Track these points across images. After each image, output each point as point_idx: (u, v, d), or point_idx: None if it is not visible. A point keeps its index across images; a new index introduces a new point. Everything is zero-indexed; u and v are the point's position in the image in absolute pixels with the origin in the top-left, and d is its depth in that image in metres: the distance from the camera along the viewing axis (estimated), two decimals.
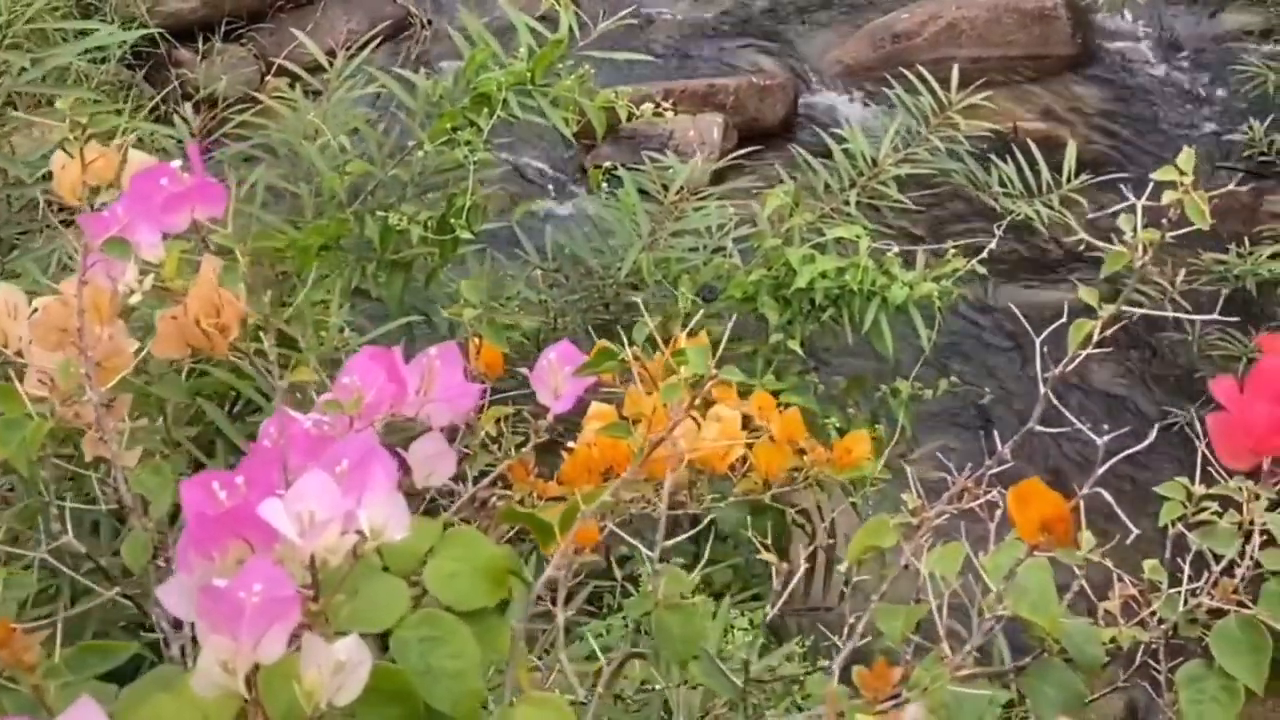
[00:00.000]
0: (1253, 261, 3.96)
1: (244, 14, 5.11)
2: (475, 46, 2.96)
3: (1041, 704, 0.99)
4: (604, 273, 3.18)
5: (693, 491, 1.40)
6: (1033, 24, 5.55)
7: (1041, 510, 0.91)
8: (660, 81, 5.46)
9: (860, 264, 3.12)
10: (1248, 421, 0.84)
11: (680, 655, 0.99)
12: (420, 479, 0.97)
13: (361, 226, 2.81)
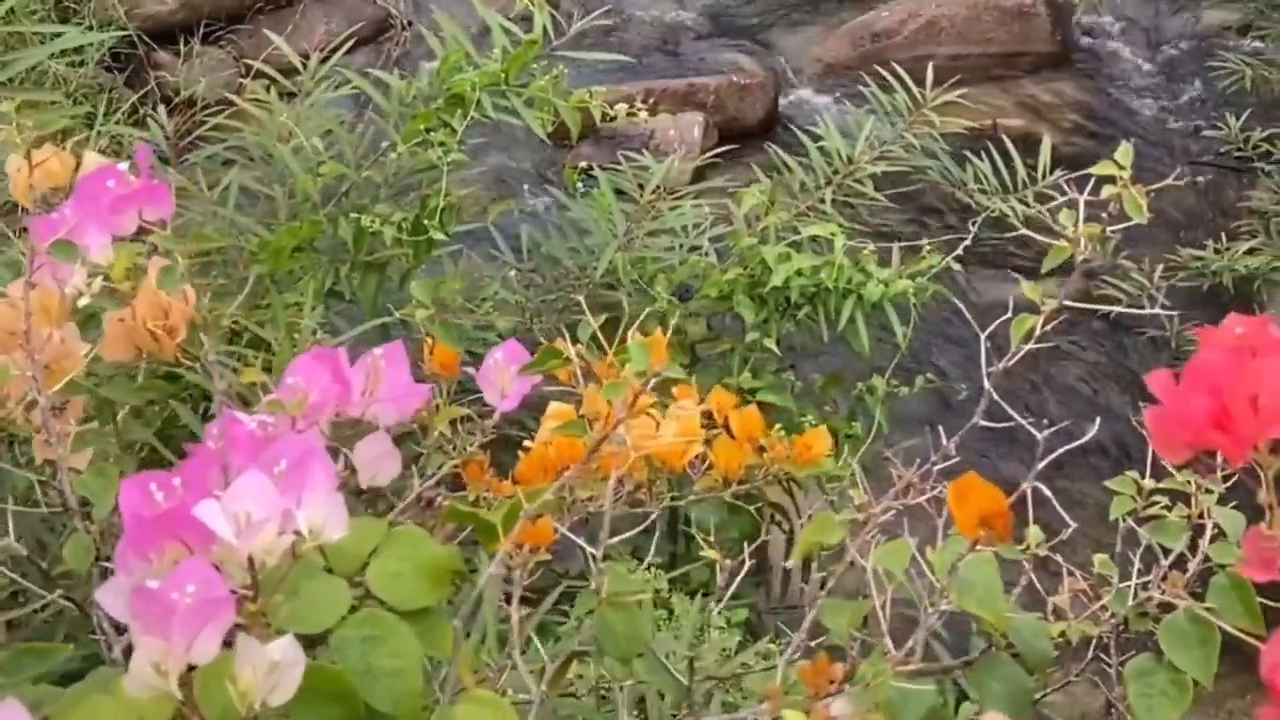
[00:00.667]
0: (1229, 257, 3.97)
1: (223, 16, 5.10)
2: (449, 48, 2.96)
3: (989, 699, 1.00)
4: (580, 273, 3.18)
5: (652, 489, 1.40)
6: (1012, 21, 5.55)
7: (980, 505, 0.92)
8: (640, 81, 5.47)
9: (835, 262, 3.13)
10: (1184, 415, 0.84)
11: (623, 652, 1.00)
12: (365, 479, 0.97)
13: (335, 228, 2.81)
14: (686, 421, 1.41)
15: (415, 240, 2.84)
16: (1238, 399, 0.84)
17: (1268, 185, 4.26)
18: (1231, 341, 0.89)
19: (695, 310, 3.18)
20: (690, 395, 1.47)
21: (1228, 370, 0.85)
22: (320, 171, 2.80)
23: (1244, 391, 0.84)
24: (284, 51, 3.15)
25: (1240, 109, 4.52)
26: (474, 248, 3.40)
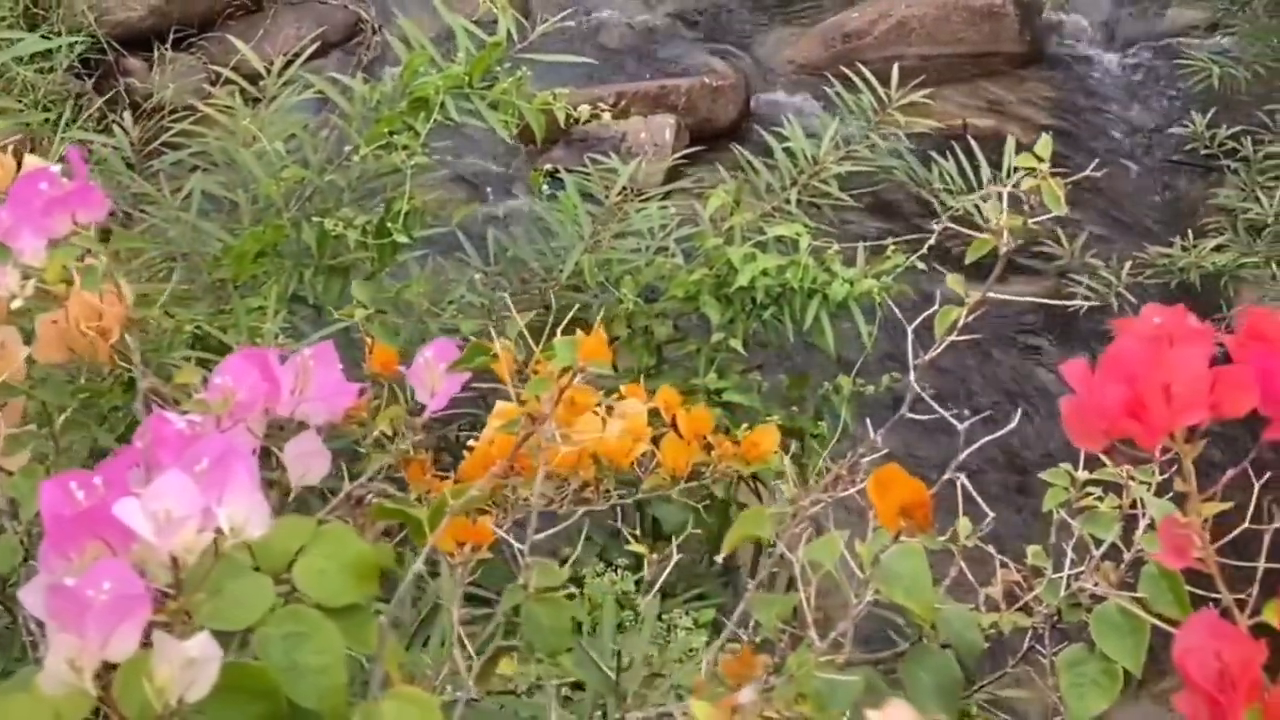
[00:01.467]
0: (1196, 254, 3.98)
1: (193, 22, 5.10)
2: (413, 51, 2.97)
3: (918, 691, 1.00)
4: (546, 275, 3.19)
5: (599, 487, 1.40)
6: (982, 21, 5.57)
7: (901, 496, 0.92)
8: (612, 84, 5.48)
9: (801, 262, 3.14)
10: (1099, 404, 0.84)
11: (550, 647, 1.00)
12: (295, 478, 0.97)
13: (299, 232, 2.81)
14: (633, 420, 1.42)
15: (379, 244, 2.84)
16: (1152, 387, 0.84)
17: (1235, 183, 4.27)
18: (1149, 331, 0.90)
19: (661, 311, 3.19)
20: (639, 394, 1.48)
21: (1142, 359, 0.85)
22: (283, 176, 2.81)
23: (1158, 380, 0.84)
24: (257, 56, 3.16)
25: (1208, 106, 4.54)
26: (443, 252, 3.41)
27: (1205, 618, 0.82)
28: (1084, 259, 4.18)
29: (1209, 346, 0.88)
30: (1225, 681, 0.79)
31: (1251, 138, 4.15)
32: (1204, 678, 0.80)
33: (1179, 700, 0.80)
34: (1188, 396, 0.84)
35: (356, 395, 1.04)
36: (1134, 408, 0.84)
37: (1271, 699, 0.80)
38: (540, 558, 1.06)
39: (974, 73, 5.52)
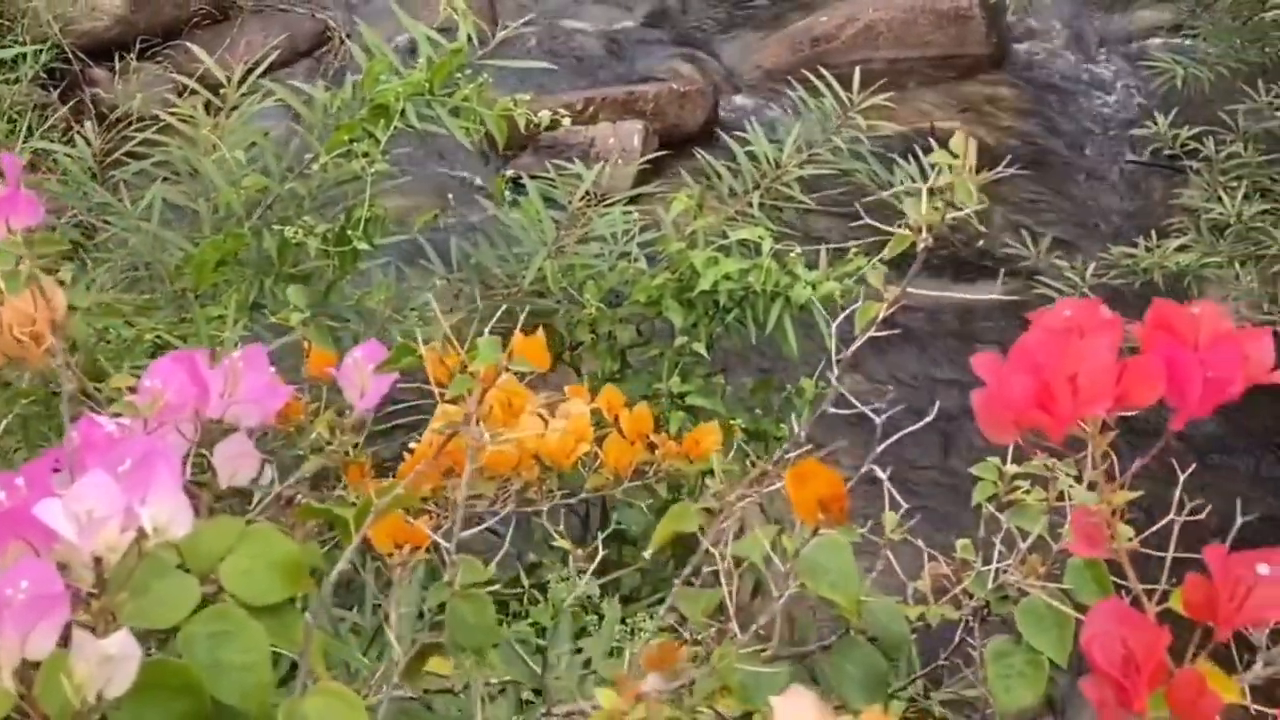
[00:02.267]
0: (1160, 254, 4.01)
1: (159, 31, 5.10)
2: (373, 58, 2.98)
3: (843, 683, 1.01)
4: (509, 281, 3.20)
5: (542, 488, 1.41)
6: (949, 24, 5.60)
7: (818, 489, 0.94)
8: (580, 90, 5.50)
9: (763, 265, 3.15)
10: (1007, 395, 0.86)
11: (475, 643, 1.01)
12: (225, 479, 0.98)
13: (260, 241, 2.82)
14: (576, 420, 1.43)
15: (340, 251, 2.85)
16: (1058, 378, 0.86)
17: (1199, 183, 4.30)
18: (1060, 323, 0.91)
19: (625, 316, 3.20)
20: (582, 395, 1.49)
21: (1050, 350, 0.87)
22: (243, 184, 2.81)
23: (1064, 370, 0.86)
24: (224, 65, 3.17)
25: (1174, 107, 4.57)
26: (408, 259, 3.42)
27: (1111, 604, 0.83)
28: (1050, 260, 4.21)
29: (1117, 338, 0.89)
30: (1130, 667, 0.80)
31: (1214, 138, 4.17)
32: (1109, 663, 0.81)
33: (1085, 686, 0.81)
34: (1093, 387, 0.85)
35: (289, 398, 1.04)
36: (1041, 399, 0.86)
37: (1176, 683, 0.82)
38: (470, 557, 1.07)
39: (941, 75, 5.55)
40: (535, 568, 2.79)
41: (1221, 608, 0.83)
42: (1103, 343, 0.87)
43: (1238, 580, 0.83)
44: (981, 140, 5.28)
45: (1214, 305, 0.90)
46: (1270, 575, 0.83)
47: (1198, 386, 0.87)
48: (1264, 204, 4.01)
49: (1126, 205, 4.86)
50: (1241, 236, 4.02)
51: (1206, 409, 0.87)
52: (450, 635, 1.01)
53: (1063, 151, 5.12)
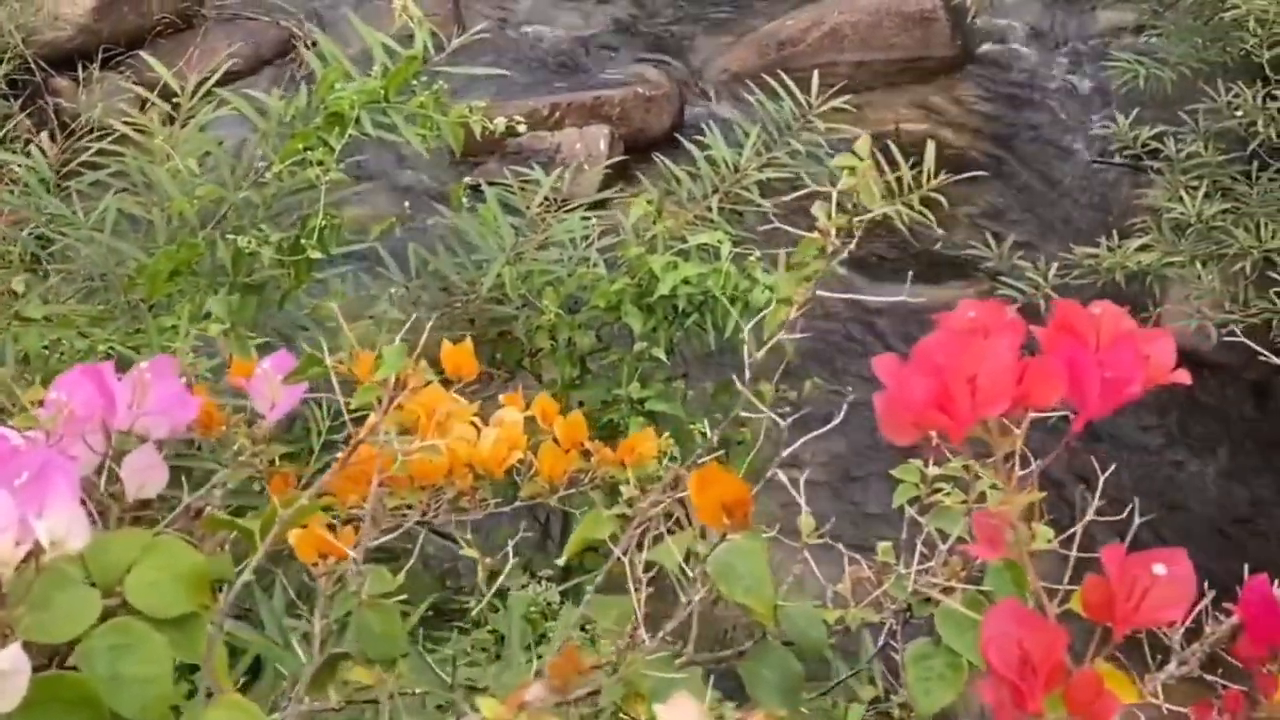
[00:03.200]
0: (1121, 254, 4.02)
1: (122, 41, 5.08)
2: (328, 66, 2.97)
3: (759, 688, 1.01)
4: (468, 288, 3.19)
5: (475, 496, 1.41)
6: (914, 27, 5.62)
7: (722, 494, 0.93)
8: (547, 96, 5.49)
9: (722, 269, 3.15)
10: (907, 397, 0.86)
11: (382, 653, 1.01)
12: (132, 491, 0.98)
13: (213, 251, 2.81)
14: (509, 428, 1.43)
15: (295, 260, 2.84)
16: (957, 379, 0.86)
17: (1162, 183, 4.31)
18: (964, 324, 0.91)
19: (584, 321, 3.19)
20: (517, 403, 1.49)
21: (950, 351, 0.87)
22: (197, 194, 2.80)
23: (964, 372, 0.86)
24: (188, 75, 3.16)
25: (1137, 107, 4.58)
26: (368, 268, 3.41)
27: (1008, 606, 0.83)
28: (1012, 260, 4.22)
29: (1018, 338, 0.89)
30: (1026, 668, 0.80)
31: (1174, 137, 4.19)
32: (1005, 665, 0.81)
33: (982, 687, 0.81)
34: (992, 388, 0.85)
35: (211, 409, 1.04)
36: (940, 400, 0.85)
37: (1073, 684, 0.82)
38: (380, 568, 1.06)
39: (907, 77, 5.57)
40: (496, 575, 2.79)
41: (1119, 608, 0.83)
42: (1002, 343, 0.87)
43: (1135, 581, 0.83)
44: (947, 142, 5.30)
45: (1113, 306, 0.90)
46: (1167, 575, 0.83)
47: (1096, 387, 0.86)
48: (1224, 203, 4.02)
49: (1090, 206, 4.87)
50: (1203, 236, 4.03)
51: (1106, 409, 0.87)
52: (357, 645, 1.00)
53: (1027, 152, 5.13)
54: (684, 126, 5.42)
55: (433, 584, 3.03)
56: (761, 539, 1.01)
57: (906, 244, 4.60)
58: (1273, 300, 3.88)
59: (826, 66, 5.40)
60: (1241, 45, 4.21)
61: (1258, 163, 4.14)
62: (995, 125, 5.25)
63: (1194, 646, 0.99)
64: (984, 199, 4.95)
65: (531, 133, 5.46)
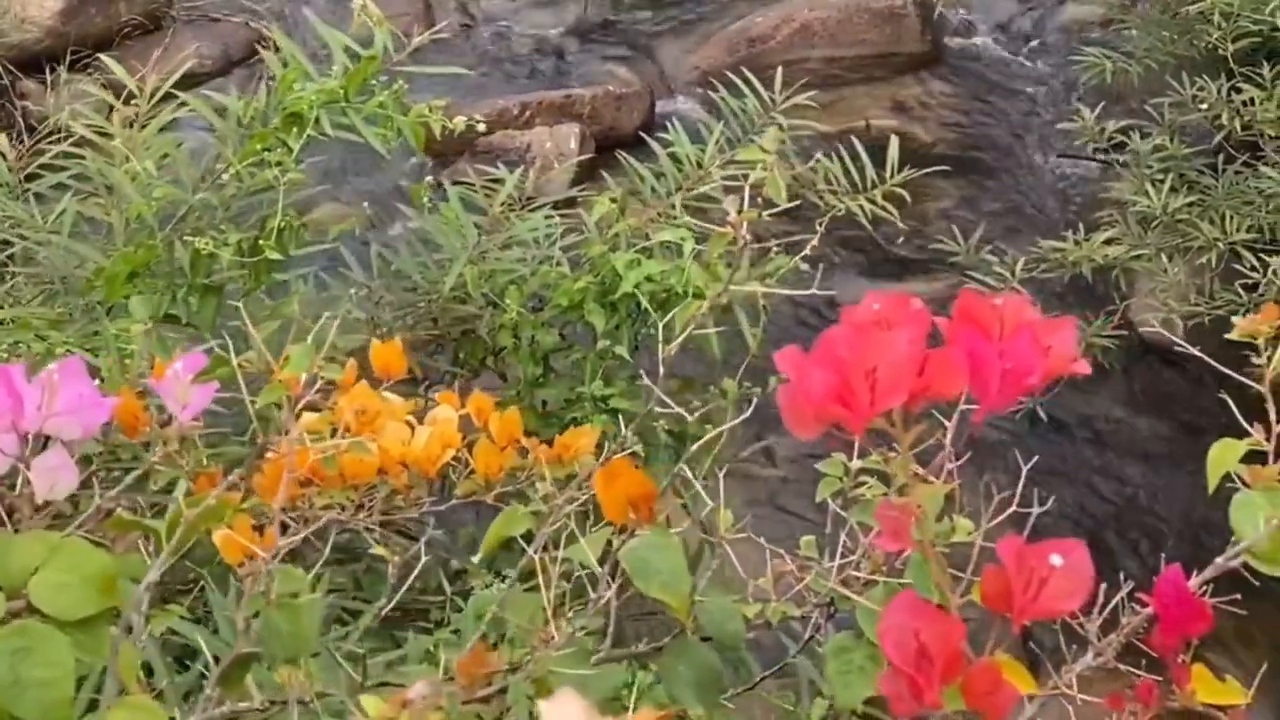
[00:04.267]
0: (1088, 248, 4.03)
1: (90, 43, 5.06)
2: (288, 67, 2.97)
3: (676, 683, 1.01)
4: (430, 288, 3.19)
5: (409, 494, 1.40)
6: (883, 23, 5.62)
7: (627, 489, 0.93)
8: (517, 95, 5.49)
9: (685, 266, 3.15)
10: (807, 390, 0.86)
11: (289, 652, 1.00)
12: (42, 492, 0.97)
13: (172, 252, 2.80)
14: (443, 426, 1.42)
15: (254, 262, 2.83)
16: (857, 372, 0.85)
17: (1129, 177, 4.32)
18: (868, 316, 0.91)
19: (547, 320, 3.19)
20: (452, 401, 1.49)
21: (851, 344, 0.87)
22: (154, 196, 2.79)
23: (864, 364, 0.86)
24: (159, 75, 3.14)
25: (1104, 101, 4.59)
26: (332, 269, 3.40)
27: (906, 598, 0.83)
28: (980, 255, 4.22)
29: (922, 331, 0.89)
30: (922, 659, 0.80)
31: (1140, 131, 4.20)
32: (902, 657, 0.81)
33: (881, 680, 0.81)
34: (892, 380, 0.85)
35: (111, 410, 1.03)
36: (840, 393, 0.85)
37: (971, 675, 0.82)
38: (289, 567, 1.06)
39: (877, 73, 5.57)
40: (460, 575, 2.78)
41: (1016, 599, 0.83)
42: (902, 336, 0.87)
43: (1032, 572, 0.83)
44: (916, 137, 5.31)
45: (1018, 297, 0.90)
46: (1064, 566, 0.83)
47: (997, 378, 0.86)
48: (1190, 196, 4.03)
49: (1058, 199, 4.88)
50: (1169, 229, 4.04)
51: (1006, 401, 0.87)
52: (265, 645, 1.00)
53: (996, 147, 5.14)
54: (655, 125, 5.43)
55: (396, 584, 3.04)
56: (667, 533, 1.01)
57: (875, 240, 4.62)
58: (1238, 292, 3.89)
59: (797, 63, 5.41)
60: (1206, 38, 4.22)
61: (1223, 156, 4.15)
62: (965, 120, 5.26)
63: (1110, 637, 0.99)
64: (954, 194, 4.95)
65: (502, 131, 5.47)
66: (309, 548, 1.94)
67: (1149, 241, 4.04)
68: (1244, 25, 4.12)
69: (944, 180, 4.88)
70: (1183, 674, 0.96)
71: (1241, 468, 1.05)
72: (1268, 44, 4.20)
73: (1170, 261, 4.00)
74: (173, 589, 2.29)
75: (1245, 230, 3.89)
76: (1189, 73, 4.27)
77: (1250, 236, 3.89)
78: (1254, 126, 4.01)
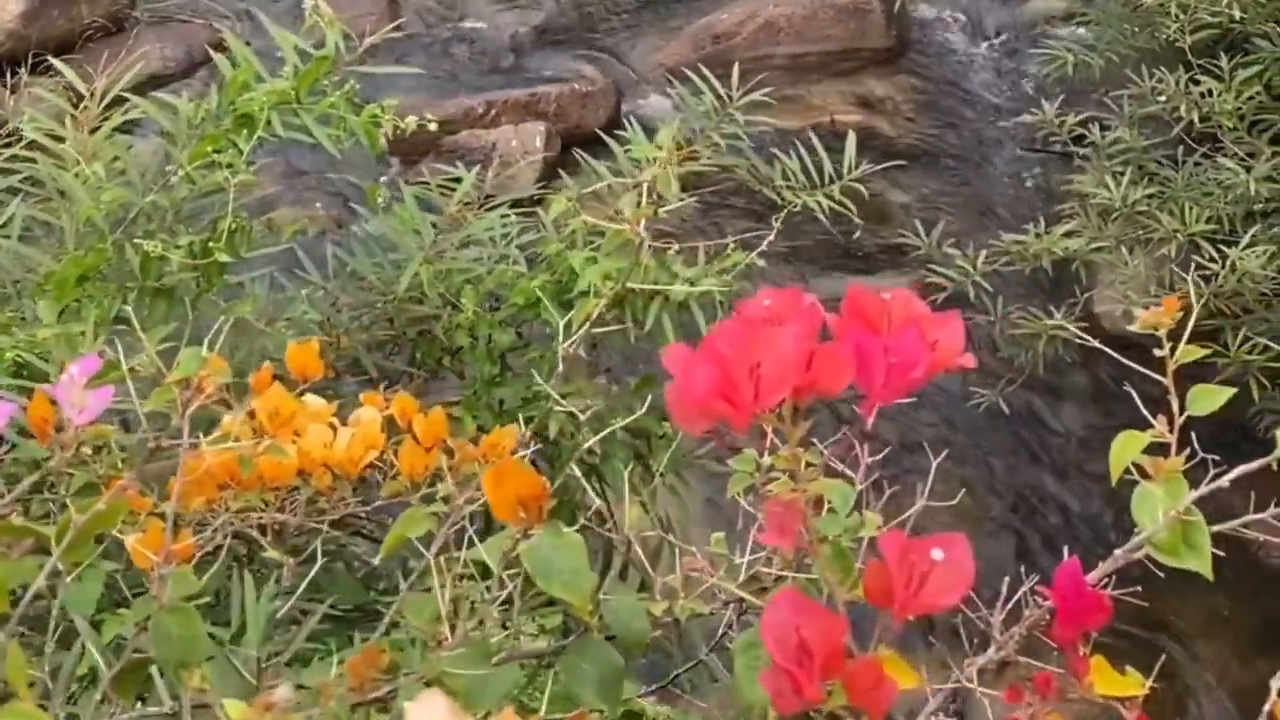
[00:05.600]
0: (1048, 240, 4.03)
1: (51, 46, 5.04)
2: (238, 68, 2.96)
3: (577, 682, 1.01)
4: (386, 288, 3.17)
5: (333, 495, 1.40)
6: (848, 19, 5.63)
7: (517, 488, 0.93)
8: (483, 94, 5.49)
9: (641, 263, 3.14)
10: (692, 386, 0.85)
11: (179, 657, 1.00)
12: None
13: (121, 255, 2.79)
14: (366, 428, 1.42)
15: (206, 264, 2.82)
16: (740, 368, 0.85)
17: (1090, 169, 4.33)
18: (759, 312, 0.91)
19: (504, 319, 3.18)
20: (376, 402, 1.48)
21: (734, 340, 0.86)
22: (102, 199, 2.78)
23: (747, 361, 0.86)
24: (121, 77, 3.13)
25: (1067, 94, 4.60)
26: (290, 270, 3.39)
27: (788, 595, 0.83)
28: (943, 249, 4.23)
29: (811, 326, 0.89)
30: (803, 655, 0.80)
31: (1099, 124, 4.20)
32: (783, 654, 0.81)
33: (763, 677, 0.81)
34: (776, 376, 0.85)
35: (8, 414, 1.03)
36: (724, 389, 0.85)
37: (852, 671, 0.82)
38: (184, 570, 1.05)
39: (842, 69, 5.58)
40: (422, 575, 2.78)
41: (898, 594, 0.83)
42: (787, 332, 0.86)
43: (913, 566, 0.82)
44: (882, 132, 5.32)
45: (907, 292, 0.90)
46: (945, 561, 0.83)
47: (882, 373, 0.86)
48: (1150, 188, 4.04)
49: (1021, 193, 4.89)
50: (1129, 221, 4.05)
51: (893, 395, 0.87)
52: (156, 649, 0.99)
53: (960, 141, 5.15)
54: (621, 122, 5.43)
55: (355, 585, 3.02)
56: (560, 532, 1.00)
57: (841, 236, 4.62)
58: (1198, 284, 3.90)
59: (763, 59, 5.42)
60: (1165, 31, 4.23)
61: (1183, 147, 4.16)
62: (929, 115, 5.27)
63: (1011, 630, 0.99)
64: (918, 188, 4.96)
65: (468, 131, 5.46)
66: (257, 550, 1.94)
67: (1109, 234, 4.05)
68: (1202, 17, 4.13)
69: (909, 175, 4.90)
70: (1081, 666, 0.96)
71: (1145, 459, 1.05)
72: (1226, 36, 4.21)
73: (1130, 253, 4.01)
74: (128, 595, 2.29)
75: (1204, 221, 3.90)
76: (1149, 65, 4.28)
77: (1209, 228, 3.90)
78: (1212, 118, 4.02)
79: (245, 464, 1.22)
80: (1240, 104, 3.99)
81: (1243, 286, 3.80)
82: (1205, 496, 1.01)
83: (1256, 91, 4.01)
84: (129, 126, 3.24)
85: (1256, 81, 4.02)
